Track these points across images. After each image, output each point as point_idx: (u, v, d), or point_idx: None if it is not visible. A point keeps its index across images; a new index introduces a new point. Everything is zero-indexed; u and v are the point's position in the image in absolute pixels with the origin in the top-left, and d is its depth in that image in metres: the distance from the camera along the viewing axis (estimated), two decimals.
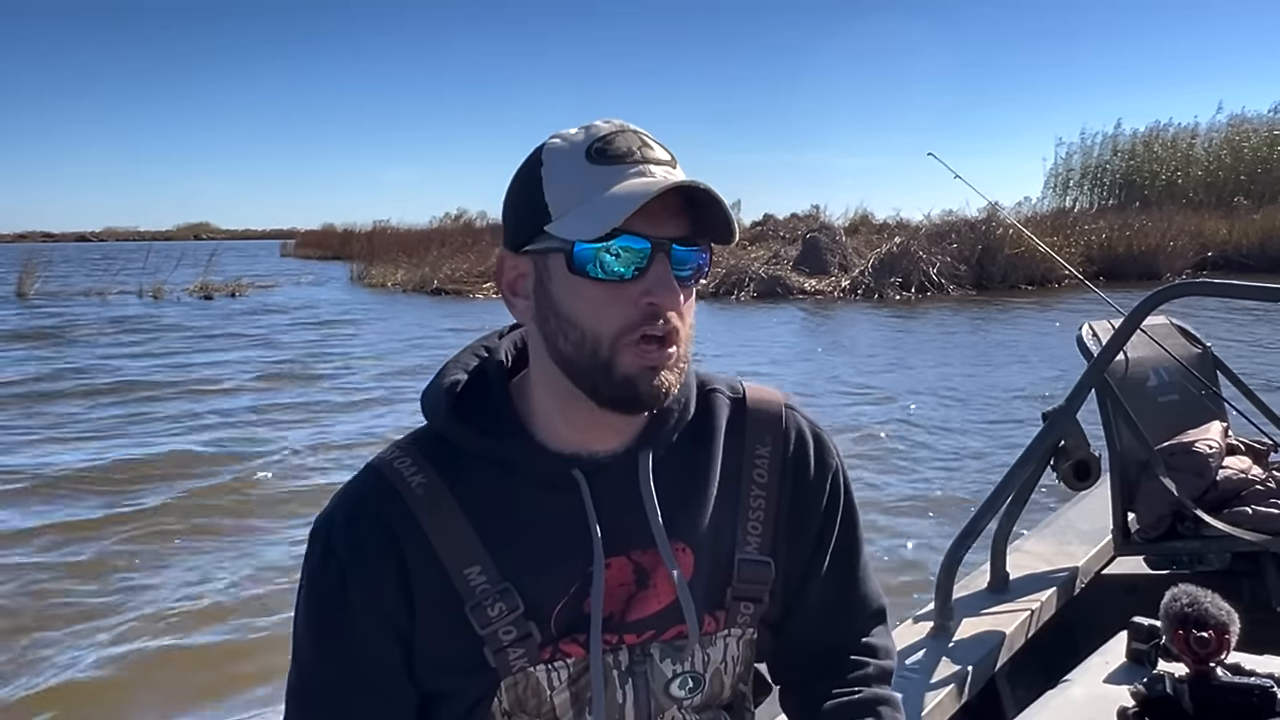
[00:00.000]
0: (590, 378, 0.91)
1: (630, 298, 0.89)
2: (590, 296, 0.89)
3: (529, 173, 0.93)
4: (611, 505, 0.96)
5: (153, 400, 8.81)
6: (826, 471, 1.06)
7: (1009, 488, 2.28)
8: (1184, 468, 2.41)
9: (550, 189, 0.90)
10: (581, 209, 0.88)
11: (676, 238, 0.90)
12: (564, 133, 0.93)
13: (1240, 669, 1.36)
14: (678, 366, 0.92)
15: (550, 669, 0.96)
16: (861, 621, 1.10)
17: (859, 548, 1.10)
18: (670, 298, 0.89)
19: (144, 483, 5.97)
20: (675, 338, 0.91)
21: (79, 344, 13.13)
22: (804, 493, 1.05)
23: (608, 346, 0.90)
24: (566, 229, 0.89)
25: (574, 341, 0.91)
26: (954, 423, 7.32)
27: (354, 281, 25.15)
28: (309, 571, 0.97)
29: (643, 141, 0.91)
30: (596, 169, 0.89)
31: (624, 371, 0.90)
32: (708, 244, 0.93)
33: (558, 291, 0.91)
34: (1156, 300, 2.32)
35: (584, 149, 0.90)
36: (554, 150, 0.92)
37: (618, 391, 0.91)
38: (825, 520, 1.06)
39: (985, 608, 2.27)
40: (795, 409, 1.07)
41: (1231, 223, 23.26)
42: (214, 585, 4.38)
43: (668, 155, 0.92)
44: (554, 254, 0.90)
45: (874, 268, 18.46)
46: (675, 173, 0.91)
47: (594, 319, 0.90)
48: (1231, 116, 30.69)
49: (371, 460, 0.99)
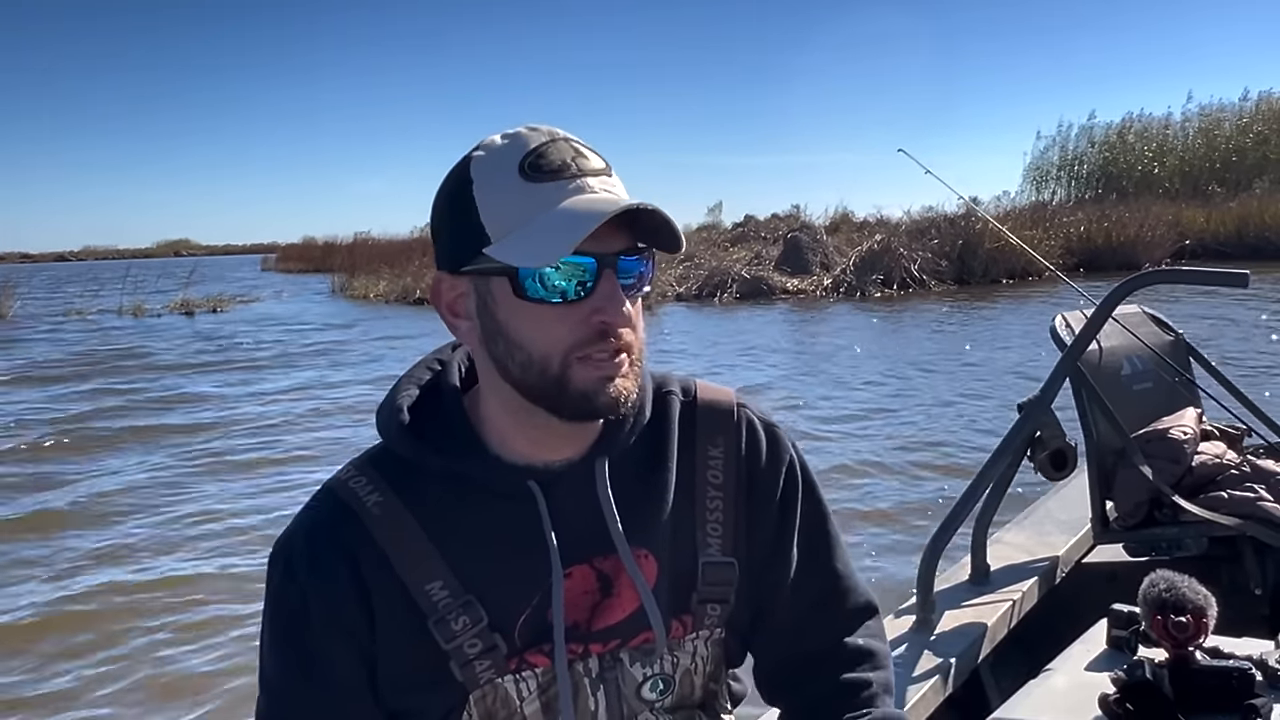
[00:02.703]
0: (546, 396, 0.90)
1: (580, 316, 0.88)
2: (538, 318, 0.88)
3: (458, 191, 0.90)
4: (570, 514, 0.95)
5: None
6: (780, 465, 1.05)
7: (986, 479, 2.29)
8: (1160, 455, 2.42)
9: (485, 210, 0.88)
10: (523, 232, 0.86)
11: (621, 250, 0.88)
12: (489, 143, 0.90)
13: (1219, 652, 1.37)
14: (632, 372, 0.91)
15: (518, 679, 0.95)
16: (843, 618, 1.07)
17: (829, 540, 1.08)
18: (620, 315, 0.88)
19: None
20: (626, 348, 0.90)
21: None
22: (759, 488, 1.04)
23: (558, 364, 0.88)
24: (509, 254, 0.86)
25: (521, 363, 0.89)
26: (943, 418, 7.35)
27: (336, 293, 25.06)
28: (271, 596, 0.96)
29: (576, 151, 0.89)
30: (532, 186, 0.86)
31: (578, 386, 0.89)
32: (650, 251, 0.92)
33: (503, 315, 0.89)
34: (1126, 289, 2.34)
35: (516, 165, 0.87)
36: (483, 165, 0.89)
37: (575, 406, 0.90)
38: (782, 513, 1.05)
39: (967, 599, 2.27)
40: (746, 405, 1.06)
41: (1208, 211, 23.45)
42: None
43: (602, 163, 0.90)
44: (496, 277, 0.88)
45: (855, 266, 18.52)
46: (611, 182, 0.89)
47: (543, 340, 0.88)
48: (1203, 106, 31.05)
49: (327, 481, 0.98)
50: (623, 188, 0.91)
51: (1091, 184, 31.30)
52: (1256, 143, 29.43)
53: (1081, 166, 32.25)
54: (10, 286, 23.27)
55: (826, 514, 1.09)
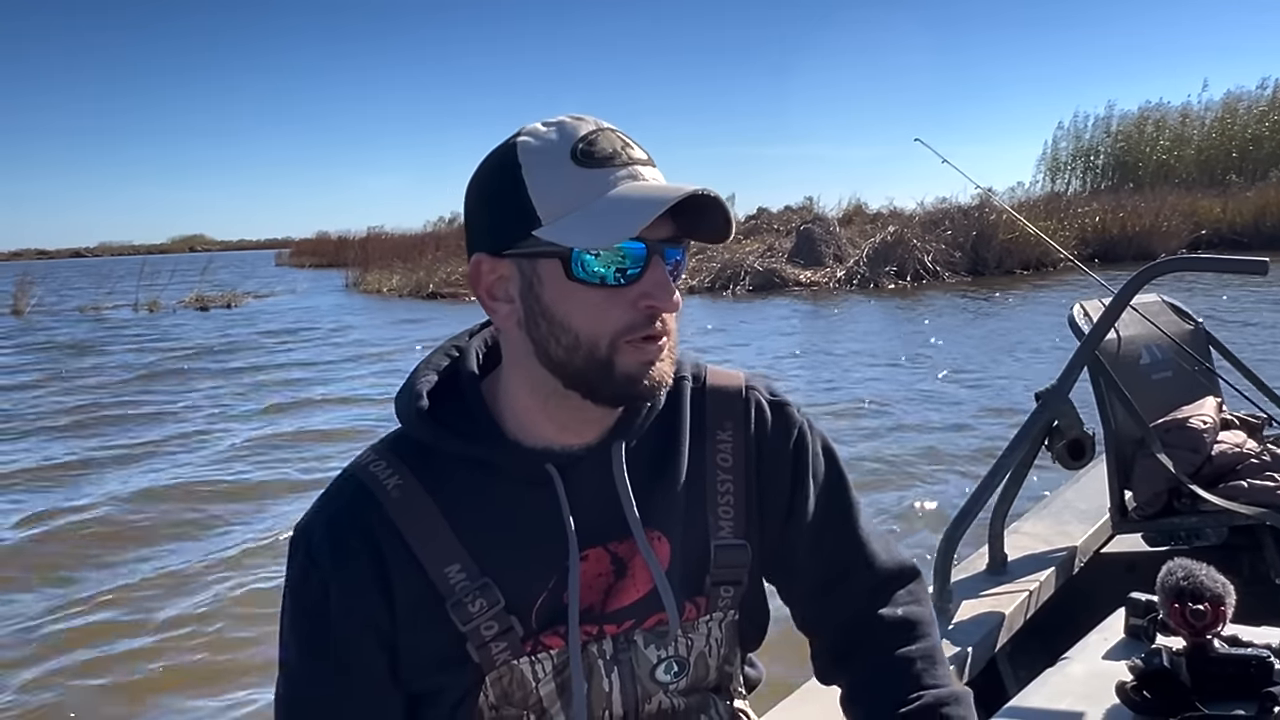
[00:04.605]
0: (586, 379, 0.91)
1: (629, 300, 0.89)
2: (588, 301, 0.89)
3: (505, 174, 0.90)
4: (586, 498, 0.96)
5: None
6: (788, 440, 1.06)
7: (1004, 469, 2.28)
8: (1179, 444, 2.41)
9: (536, 192, 0.89)
10: (580, 215, 0.87)
11: (667, 239, 0.90)
12: (533, 130, 0.92)
13: (1238, 640, 1.36)
14: (669, 357, 0.94)
15: (534, 661, 0.96)
16: (873, 588, 1.07)
17: (848, 508, 1.08)
18: (668, 300, 0.90)
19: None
20: (669, 333, 0.93)
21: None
22: (768, 467, 1.05)
23: (605, 348, 0.90)
24: (566, 236, 0.87)
25: (567, 345, 0.91)
26: (965, 405, 7.32)
27: (349, 288, 25.13)
28: (291, 581, 0.98)
29: (624, 141, 0.91)
30: (586, 172, 0.88)
31: (624, 370, 0.90)
32: (687, 242, 0.93)
33: (550, 297, 0.90)
34: (1145, 277, 2.32)
35: (568, 150, 0.89)
36: (531, 150, 0.90)
37: (618, 389, 0.92)
38: (795, 483, 1.06)
39: (984, 589, 2.27)
40: (755, 387, 1.07)
41: (1225, 201, 23.26)
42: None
43: (645, 154, 0.92)
44: (545, 260, 0.89)
45: (868, 257, 18.45)
46: (656, 173, 0.92)
47: (592, 323, 0.90)
48: (1225, 94, 30.78)
49: (348, 466, 1.00)
50: (664, 179, 0.93)
51: (1107, 174, 31.08)
52: (1274, 131, 29.14)
53: (1097, 157, 32.04)
54: (27, 282, 23.39)
55: (846, 484, 1.09)
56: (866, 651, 1.05)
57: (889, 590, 1.07)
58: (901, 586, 1.08)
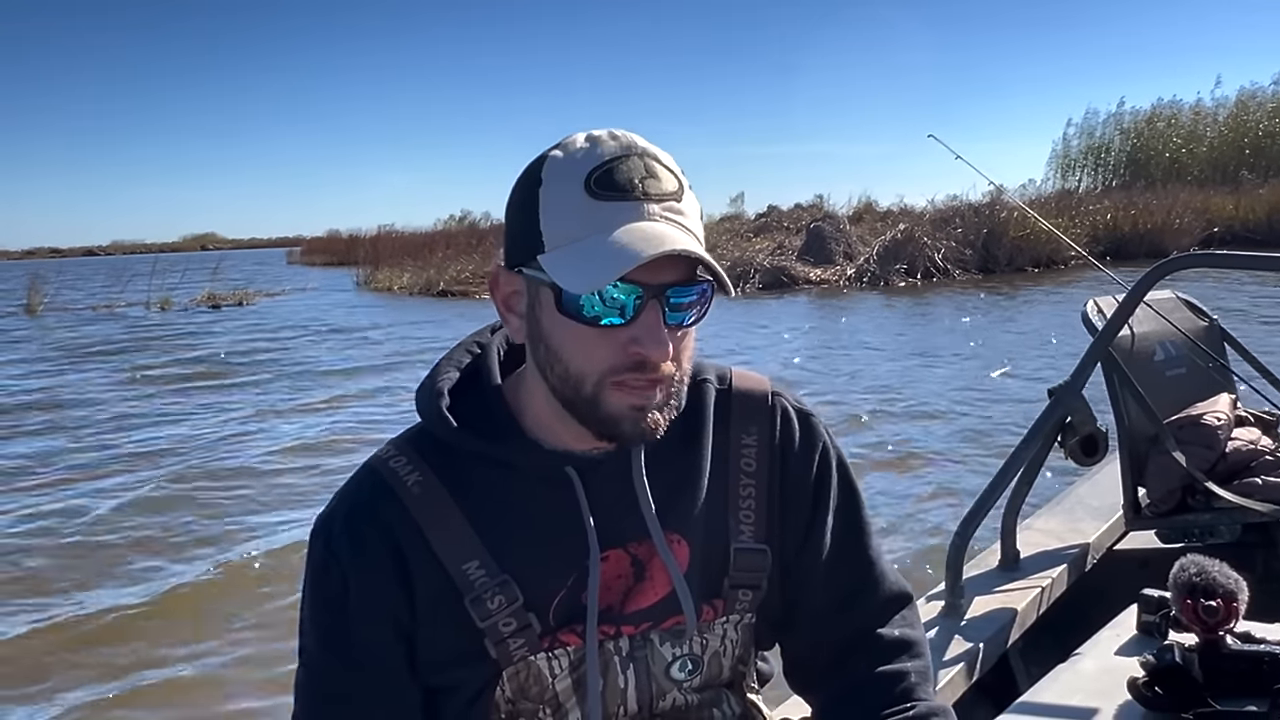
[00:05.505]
0: (576, 410, 0.91)
1: (618, 343, 0.88)
2: (577, 336, 0.88)
3: (528, 191, 0.90)
4: (606, 500, 0.96)
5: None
6: (813, 452, 1.05)
7: (1016, 465, 2.28)
8: (1193, 440, 2.40)
9: (546, 215, 0.88)
10: (574, 251, 0.86)
11: (675, 280, 0.88)
12: (568, 143, 0.90)
13: (1250, 637, 1.36)
14: (668, 405, 0.92)
15: (551, 657, 0.97)
16: (876, 608, 1.06)
17: (862, 530, 1.08)
18: (658, 349, 0.87)
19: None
20: (664, 379, 0.90)
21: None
22: (792, 475, 1.04)
23: (591, 386, 0.89)
24: (556, 271, 0.86)
25: (559, 375, 0.91)
26: (973, 400, 7.31)
27: (361, 286, 25.18)
28: (311, 573, 0.98)
29: (647, 170, 0.88)
30: (594, 203, 0.86)
31: (609, 411, 0.89)
32: (708, 279, 0.90)
33: (547, 324, 0.90)
34: (1159, 273, 2.31)
35: (584, 177, 0.86)
36: (555, 167, 0.89)
37: (604, 427, 0.91)
38: (816, 499, 1.05)
39: (996, 585, 2.27)
40: (781, 394, 1.06)
41: (1238, 198, 23.11)
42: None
43: (674, 184, 0.89)
44: (544, 287, 0.89)
45: (879, 255, 18.40)
46: (678, 208, 0.88)
47: (579, 359, 0.89)
48: (1238, 91, 30.56)
49: (368, 460, 1.00)
50: (694, 210, 0.90)
51: (1119, 171, 30.91)
52: None
53: (1108, 154, 31.86)
54: (40, 281, 23.50)
55: (860, 504, 1.09)
56: (861, 666, 1.04)
57: (889, 612, 1.07)
58: (899, 610, 1.08)
